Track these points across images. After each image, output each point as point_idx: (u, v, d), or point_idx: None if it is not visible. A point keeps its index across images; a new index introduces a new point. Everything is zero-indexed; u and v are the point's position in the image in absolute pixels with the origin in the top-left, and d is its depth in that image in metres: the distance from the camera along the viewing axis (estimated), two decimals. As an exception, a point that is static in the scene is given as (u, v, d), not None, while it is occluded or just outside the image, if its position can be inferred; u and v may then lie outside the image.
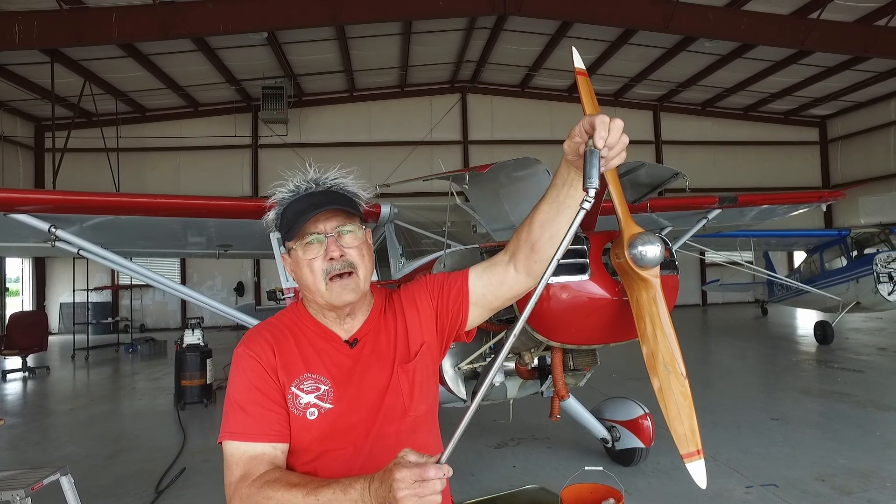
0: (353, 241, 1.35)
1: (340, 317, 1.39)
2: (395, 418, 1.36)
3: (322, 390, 1.33)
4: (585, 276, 2.73)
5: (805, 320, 14.75)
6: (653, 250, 2.68)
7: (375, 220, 4.68)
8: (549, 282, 2.98)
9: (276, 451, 1.27)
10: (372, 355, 1.40)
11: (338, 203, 1.33)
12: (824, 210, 7.50)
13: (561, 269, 2.79)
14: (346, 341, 1.40)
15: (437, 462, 1.06)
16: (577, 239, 2.83)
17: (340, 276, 1.32)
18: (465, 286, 1.45)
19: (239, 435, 1.26)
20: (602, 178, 1.11)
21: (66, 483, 3.54)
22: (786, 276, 13.21)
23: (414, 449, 1.33)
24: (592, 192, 1.05)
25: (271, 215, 1.38)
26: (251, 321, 5.35)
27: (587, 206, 1.06)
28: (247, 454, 1.23)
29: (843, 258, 11.74)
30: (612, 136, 1.07)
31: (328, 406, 1.32)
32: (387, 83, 18.57)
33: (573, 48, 3.21)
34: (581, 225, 3.47)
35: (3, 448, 5.55)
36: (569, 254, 2.80)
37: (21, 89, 14.73)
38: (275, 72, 16.41)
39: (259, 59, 15.46)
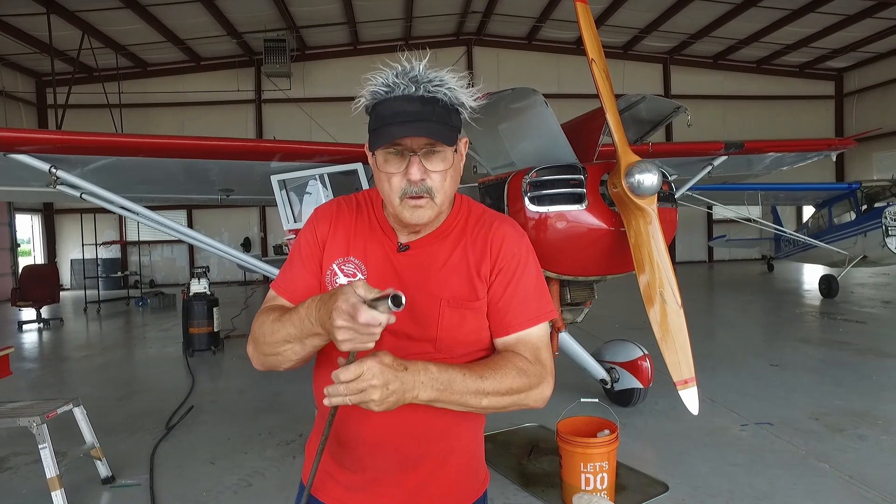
0: (440, 165, 1.24)
1: (406, 231, 1.35)
2: (419, 340, 1.29)
3: (357, 278, 1.30)
4: (582, 206, 2.73)
5: (811, 276, 14.71)
6: (650, 178, 2.67)
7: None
8: (547, 211, 3.00)
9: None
10: (417, 268, 1.32)
11: (433, 119, 1.21)
12: (834, 160, 7.36)
13: (558, 199, 2.78)
14: (399, 243, 1.34)
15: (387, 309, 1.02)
16: (573, 168, 2.81)
17: (415, 197, 1.24)
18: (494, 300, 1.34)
19: (275, 285, 1.41)
20: None
21: (80, 413, 3.67)
22: (793, 232, 13.12)
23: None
24: None
25: (362, 102, 1.30)
26: (263, 266, 5.40)
27: None
28: (272, 301, 1.39)
29: (851, 212, 11.62)
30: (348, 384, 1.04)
31: None
32: (391, 35, 18.15)
33: (575, -28, 3.10)
34: (579, 157, 3.40)
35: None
36: (565, 183, 2.79)
37: (19, 42, 14.52)
38: (277, 24, 16.06)
39: (260, 11, 15.12)
